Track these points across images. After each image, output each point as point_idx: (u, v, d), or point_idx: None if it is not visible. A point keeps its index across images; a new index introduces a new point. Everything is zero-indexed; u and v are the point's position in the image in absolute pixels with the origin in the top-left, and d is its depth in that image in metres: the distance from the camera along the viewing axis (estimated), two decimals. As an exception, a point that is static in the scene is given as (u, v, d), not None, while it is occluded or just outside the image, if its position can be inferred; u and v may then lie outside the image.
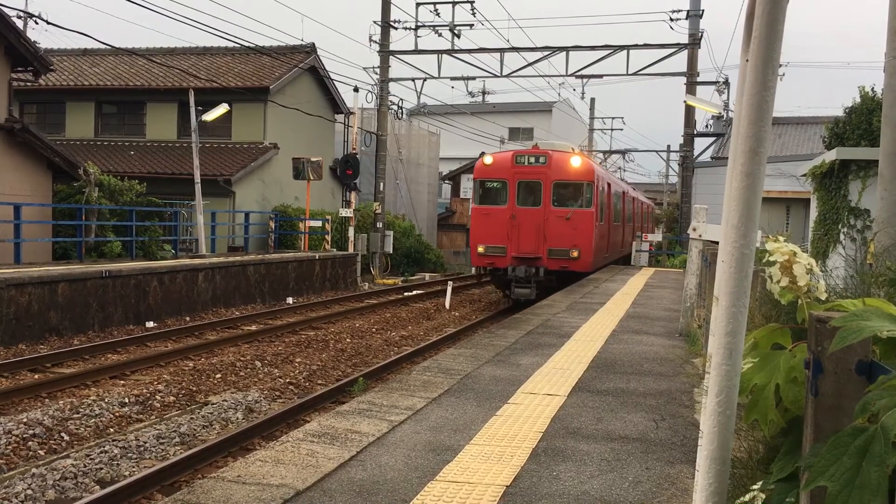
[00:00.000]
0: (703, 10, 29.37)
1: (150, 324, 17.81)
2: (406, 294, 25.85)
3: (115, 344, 14.97)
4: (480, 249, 21.43)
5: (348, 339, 16.63)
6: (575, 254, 20.71)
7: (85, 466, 8.22)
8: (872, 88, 18.41)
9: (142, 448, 8.95)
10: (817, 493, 1.90)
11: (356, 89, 29.98)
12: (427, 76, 31.83)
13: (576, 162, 21.23)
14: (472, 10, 29.08)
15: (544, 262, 20.87)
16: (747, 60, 2.42)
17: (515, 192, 21.42)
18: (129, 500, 7.44)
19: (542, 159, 21.43)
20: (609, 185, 25.06)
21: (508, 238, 21.16)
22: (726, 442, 2.61)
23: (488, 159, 21.96)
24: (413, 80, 32.14)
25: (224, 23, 45.21)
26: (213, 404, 10.98)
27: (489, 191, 22.06)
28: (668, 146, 51.62)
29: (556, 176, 21.29)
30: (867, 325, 1.96)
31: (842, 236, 13.93)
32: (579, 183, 21.32)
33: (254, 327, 18.20)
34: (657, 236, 35.62)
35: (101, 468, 8.27)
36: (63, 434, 9.37)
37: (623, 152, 52.78)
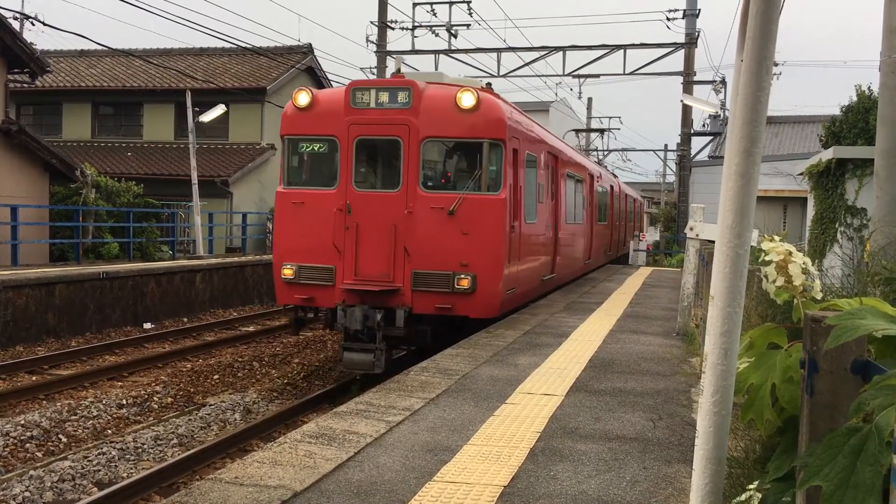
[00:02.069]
0: (699, 10, 29.40)
1: (148, 325, 17.80)
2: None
3: (113, 345, 14.96)
4: (286, 272, 11.53)
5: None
6: (466, 282, 10.93)
7: (83, 468, 8.22)
8: (869, 87, 18.46)
9: (140, 449, 8.95)
10: (813, 492, 1.91)
11: (353, 90, 29.91)
12: (424, 76, 31.75)
13: (467, 101, 10.99)
14: (469, 10, 29.09)
15: (405, 298, 11.11)
16: (742, 60, 2.43)
17: (352, 161, 11.45)
18: (127, 501, 7.43)
19: (402, 97, 11.28)
20: (557, 156, 15.84)
21: (337, 251, 11.32)
22: (722, 441, 2.62)
23: (303, 97, 11.71)
24: (410, 80, 32.07)
25: (221, 24, 45.27)
26: (210, 405, 10.97)
27: (306, 160, 12.26)
28: (666, 145, 51.72)
29: (429, 129, 11.21)
30: (862, 324, 1.96)
31: (839, 235, 13.95)
32: (475, 142, 11.21)
33: (252, 328, 18.20)
34: (647, 240, 34.99)
35: (100, 470, 8.27)
36: (61, 436, 9.36)
37: (621, 151, 52.83)
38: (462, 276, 10.91)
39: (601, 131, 44.46)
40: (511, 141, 11.64)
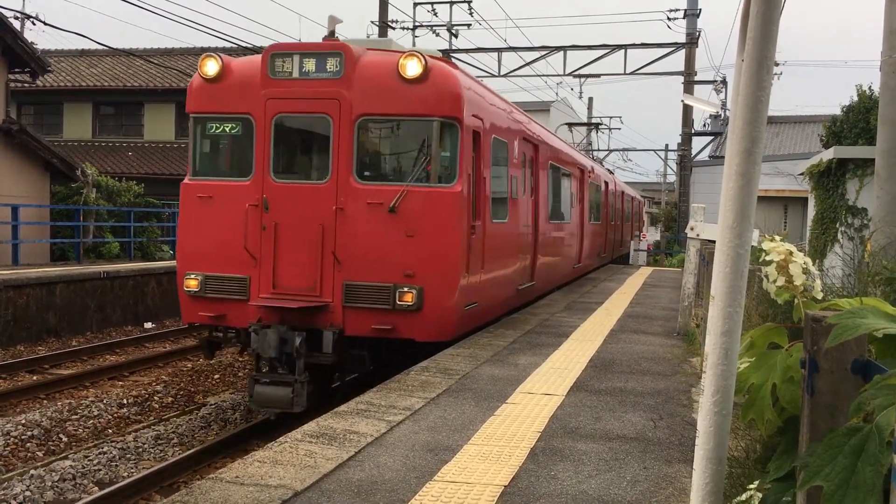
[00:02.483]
0: (700, 10, 29.40)
1: (149, 324, 17.81)
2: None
3: (114, 345, 14.97)
4: (190, 283, 9.54)
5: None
6: (410, 297, 8.94)
7: (83, 468, 8.23)
8: (870, 87, 18.45)
9: (140, 449, 8.95)
10: (813, 492, 1.91)
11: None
12: (425, 76, 31.72)
13: (412, 69, 9.02)
14: (470, 9, 29.10)
15: (334, 316, 9.14)
16: (742, 60, 2.43)
17: (269, 144, 9.44)
18: (128, 501, 7.44)
19: (332, 64, 9.26)
20: (537, 145, 13.88)
21: (252, 257, 9.31)
22: (723, 441, 2.62)
23: (211, 66, 9.67)
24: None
25: (222, 23, 45.31)
26: (211, 405, 10.98)
27: (218, 143, 10.25)
28: (666, 145, 51.71)
29: (365, 104, 9.21)
30: (863, 323, 1.96)
31: (839, 235, 13.95)
32: (423, 121, 9.23)
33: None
34: (648, 240, 34.58)
35: (100, 469, 8.27)
36: (61, 435, 9.37)
37: (622, 151, 52.84)
38: (406, 289, 8.84)
39: (596, 125, 42.29)
40: (470, 120, 9.55)
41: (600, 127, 47.31)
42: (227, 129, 9.83)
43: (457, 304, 9.23)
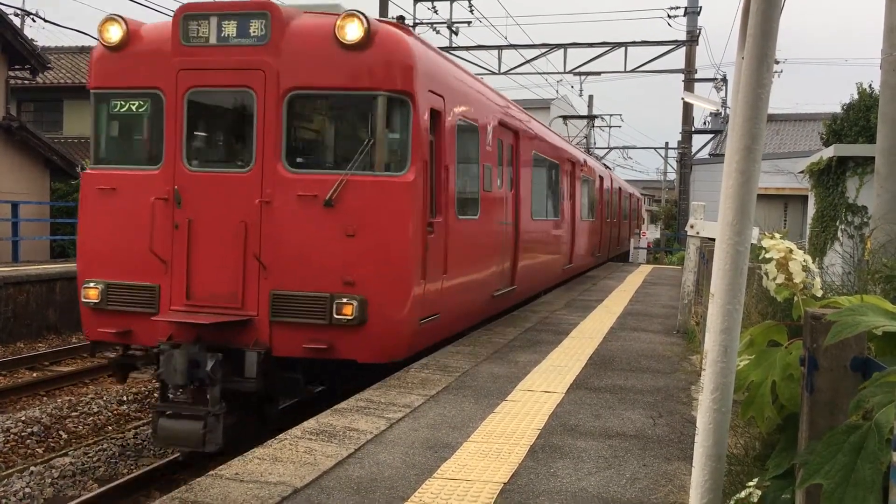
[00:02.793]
0: (700, 7, 29.38)
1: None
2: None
3: (114, 342, 14.96)
4: (90, 293, 8.18)
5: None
6: (349, 309, 7.58)
7: (83, 465, 8.23)
8: (870, 85, 18.46)
9: (140, 446, 8.96)
10: (813, 489, 1.91)
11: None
12: (425, 73, 31.66)
13: (353, 32, 7.69)
14: (471, 7, 29.08)
15: (259, 332, 7.77)
16: (743, 58, 2.43)
17: (182, 125, 8.05)
18: (128, 498, 7.44)
19: (257, 27, 7.86)
20: (518, 131, 12.54)
21: (161, 262, 7.96)
22: (722, 439, 2.63)
23: (114, 31, 8.21)
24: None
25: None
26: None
27: (124, 125, 8.87)
28: (667, 143, 51.73)
29: (296, 75, 7.83)
30: (863, 320, 1.97)
31: (839, 233, 13.96)
32: (365, 95, 7.86)
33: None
34: (648, 238, 34.23)
35: (100, 467, 8.28)
36: (61, 432, 9.37)
37: (622, 148, 52.84)
38: (345, 300, 7.45)
39: (592, 118, 40.42)
40: (427, 97, 8.14)
41: (598, 122, 46.78)
42: (134, 108, 8.30)
43: (409, 316, 7.81)
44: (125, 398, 10.88)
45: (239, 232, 7.71)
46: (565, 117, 32.70)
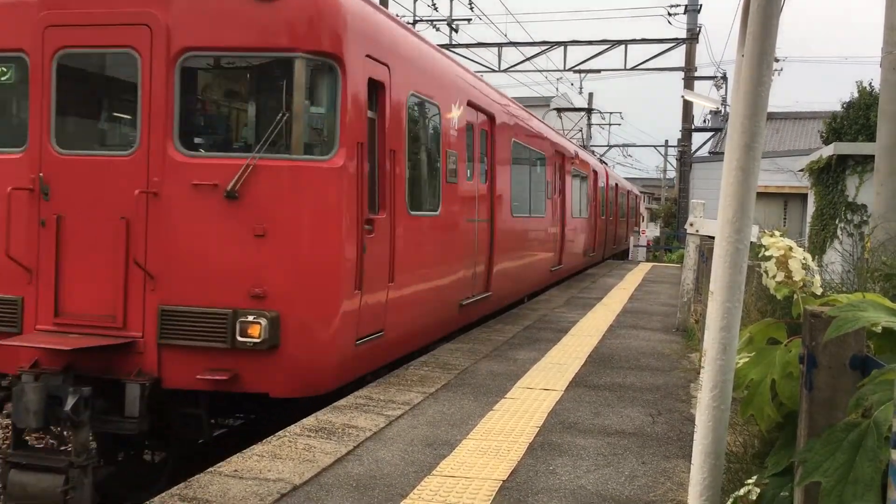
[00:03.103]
0: (700, 5, 29.38)
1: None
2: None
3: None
4: None
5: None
6: (257, 330, 6.00)
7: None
8: (870, 84, 18.47)
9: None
10: (811, 487, 1.91)
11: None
12: (425, 71, 31.59)
13: None
14: (470, 4, 29.05)
15: (146, 358, 6.17)
16: (743, 55, 2.43)
17: (50, 95, 6.40)
18: (126, 494, 7.43)
19: None
20: (493, 115, 11.12)
21: (25, 269, 6.36)
22: (721, 436, 2.63)
23: None
24: (410, 74, 31.90)
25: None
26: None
27: None
28: (666, 141, 51.68)
29: (191, 32, 6.23)
30: (863, 315, 1.97)
31: (839, 231, 13.97)
32: (281, 57, 6.31)
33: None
34: (647, 236, 34.12)
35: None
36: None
37: (622, 146, 52.84)
38: (251, 317, 5.98)
39: (588, 111, 38.45)
40: (363, 63, 6.65)
41: (598, 119, 46.39)
42: None
43: (338, 336, 6.37)
44: None
45: (119, 231, 6.18)
46: (559, 109, 31.62)
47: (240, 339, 5.99)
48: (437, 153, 8.83)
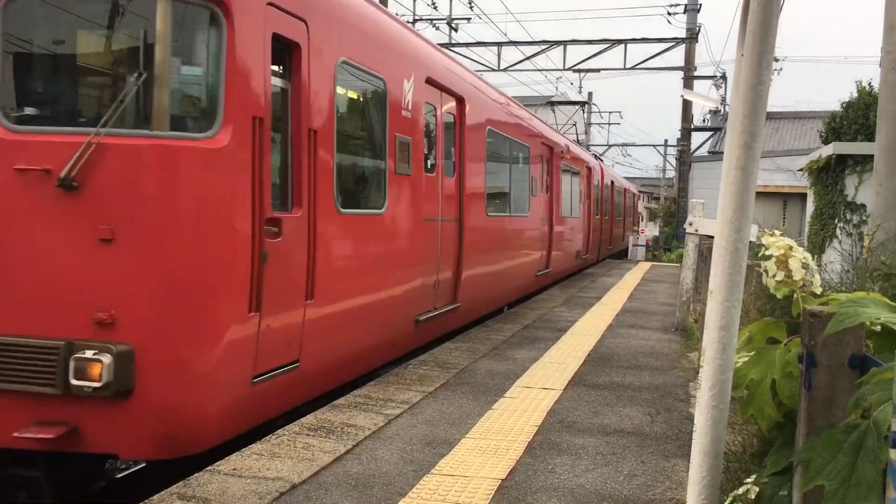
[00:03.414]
0: (700, 5, 29.37)
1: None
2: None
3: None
4: None
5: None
6: (96, 369, 4.43)
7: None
8: (870, 83, 18.49)
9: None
10: (812, 488, 1.91)
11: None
12: (424, 70, 31.56)
13: None
14: (470, 3, 29.05)
15: None
16: (742, 55, 2.43)
17: None
18: (124, 493, 7.44)
19: None
20: (464, 98, 9.68)
21: None
22: (720, 436, 2.63)
23: None
24: (410, 73, 31.87)
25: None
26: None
27: None
28: (666, 141, 51.67)
29: None
30: (864, 311, 1.97)
31: (838, 231, 13.97)
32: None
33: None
34: (647, 235, 34.26)
35: (98, 461, 8.25)
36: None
37: (621, 146, 52.82)
38: (91, 352, 4.54)
39: (583, 104, 36.11)
40: (264, 12, 5.21)
41: (595, 116, 45.99)
42: None
43: (220, 375, 4.91)
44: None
45: None
46: (553, 103, 29.69)
47: (74, 382, 4.50)
48: (383, 138, 7.33)
